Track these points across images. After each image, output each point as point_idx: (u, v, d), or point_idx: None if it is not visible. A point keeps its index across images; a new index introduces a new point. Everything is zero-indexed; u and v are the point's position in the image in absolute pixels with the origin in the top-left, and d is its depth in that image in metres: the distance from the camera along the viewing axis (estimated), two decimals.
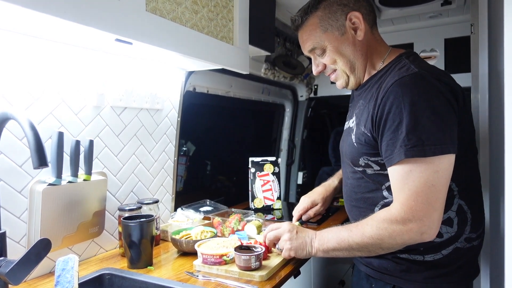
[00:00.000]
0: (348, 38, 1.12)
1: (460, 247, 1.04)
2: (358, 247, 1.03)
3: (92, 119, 1.31)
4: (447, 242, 1.04)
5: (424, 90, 0.95)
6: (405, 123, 0.93)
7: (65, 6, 0.81)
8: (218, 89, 2.09)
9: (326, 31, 1.13)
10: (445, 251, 1.04)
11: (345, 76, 1.17)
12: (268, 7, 1.84)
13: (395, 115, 0.95)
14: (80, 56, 1.23)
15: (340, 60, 1.14)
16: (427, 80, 0.97)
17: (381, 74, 1.12)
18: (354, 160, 1.12)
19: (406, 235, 0.95)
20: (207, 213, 1.74)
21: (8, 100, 1.05)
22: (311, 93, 2.90)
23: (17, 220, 1.09)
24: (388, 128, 0.97)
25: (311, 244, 1.12)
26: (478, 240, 1.08)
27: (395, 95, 0.96)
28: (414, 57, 1.13)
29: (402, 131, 0.93)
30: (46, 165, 0.85)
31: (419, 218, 0.93)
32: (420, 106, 0.93)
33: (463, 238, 1.04)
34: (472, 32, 1.53)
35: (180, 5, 1.16)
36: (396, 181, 0.97)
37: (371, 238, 1.00)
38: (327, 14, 1.12)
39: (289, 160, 2.97)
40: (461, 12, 2.20)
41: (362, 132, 1.08)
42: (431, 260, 1.04)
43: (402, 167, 0.95)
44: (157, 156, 1.64)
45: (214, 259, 1.19)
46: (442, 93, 0.96)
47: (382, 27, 2.46)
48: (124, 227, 1.22)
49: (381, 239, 0.98)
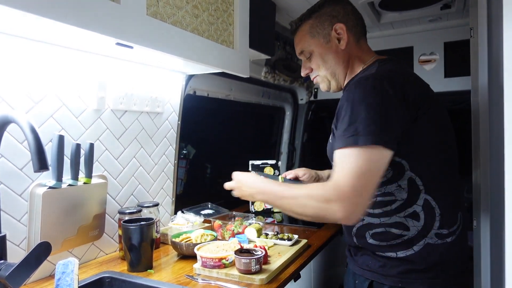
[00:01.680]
0: (332, 47, 1.24)
1: (432, 243, 1.07)
2: (289, 207, 1.06)
3: (92, 122, 1.32)
4: (417, 237, 1.07)
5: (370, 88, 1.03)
6: (348, 117, 1.01)
7: (66, 11, 0.81)
8: (218, 92, 2.09)
9: (313, 37, 1.25)
10: (416, 247, 1.07)
11: (326, 81, 1.30)
12: (268, 11, 1.85)
13: (344, 110, 1.03)
14: (81, 59, 1.24)
15: (322, 66, 1.26)
16: (378, 80, 1.05)
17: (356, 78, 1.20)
18: (330, 155, 1.18)
19: (327, 212, 0.98)
20: (209, 216, 1.74)
21: (9, 103, 1.05)
22: (311, 96, 2.90)
23: (17, 223, 1.09)
24: (338, 122, 1.05)
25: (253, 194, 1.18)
26: (451, 237, 1.09)
27: (348, 93, 1.06)
28: (387, 62, 1.19)
29: (345, 123, 1.01)
30: (46, 168, 0.85)
31: (342, 200, 0.95)
32: (361, 102, 1.01)
33: (433, 234, 1.07)
34: (472, 36, 1.53)
35: (180, 9, 1.17)
36: (334, 166, 1.03)
37: (300, 204, 1.04)
38: (317, 23, 1.25)
39: (289, 163, 2.97)
40: (460, 16, 2.21)
41: (333, 129, 1.15)
42: (403, 256, 1.08)
43: (339, 154, 1.01)
44: (157, 159, 1.64)
45: (213, 263, 1.19)
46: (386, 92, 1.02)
47: (382, 31, 2.47)
48: (124, 230, 1.22)
49: (306, 206, 1.02)
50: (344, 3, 1.27)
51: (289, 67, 2.42)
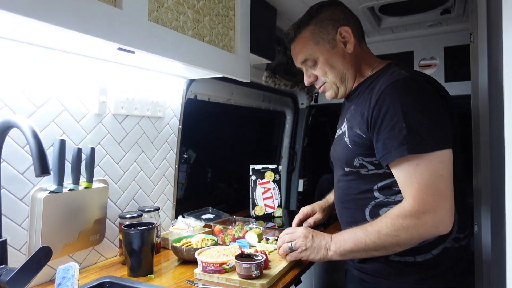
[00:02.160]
0: (339, 51, 1.19)
1: (449, 247, 1.07)
2: (375, 246, 1.02)
3: (94, 127, 1.32)
4: (436, 242, 1.06)
5: (418, 91, 1.01)
6: (405, 122, 0.96)
7: (69, 17, 0.82)
8: (219, 96, 2.10)
9: (317, 44, 1.20)
10: (435, 251, 1.06)
11: (335, 87, 1.23)
12: (268, 16, 1.86)
13: (392, 115, 0.99)
14: (83, 64, 1.24)
15: (330, 72, 1.20)
16: (419, 82, 1.04)
17: (371, 80, 1.17)
18: (349, 161, 1.15)
19: (421, 228, 0.96)
20: (209, 220, 1.74)
21: (11, 108, 1.06)
22: (312, 101, 2.91)
23: (18, 228, 1.09)
24: (384, 128, 1.01)
25: (326, 247, 1.12)
26: (465, 240, 1.11)
27: (391, 97, 1.01)
28: (403, 65, 1.18)
29: (401, 129, 0.97)
30: (48, 173, 0.85)
31: (432, 209, 0.94)
32: (417, 106, 0.98)
33: (452, 238, 1.07)
34: (472, 40, 1.54)
35: (182, 14, 1.17)
36: (403, 178, 0.99)
37: (387, 235, 1.00)
38: (319, 28, 1.19)
39: (290, 168, 2.97)
40: (460, 21, 2.22)
41: (356, 134, 1.11)
42: (422, 260, 1.06)
43: (407, 163, 0.97)
44: (158, 164, 1.64)
45: (214, 267, 1.19)
46: (434, 95, 1.02)
47: (382, 35, 2.48)
48: (125, 235, 1.22)
49: (397, 235, 0.98)
50: (342, 6, 1.23)
51: (290, 72, 2.42)
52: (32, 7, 0.75)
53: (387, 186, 1.09)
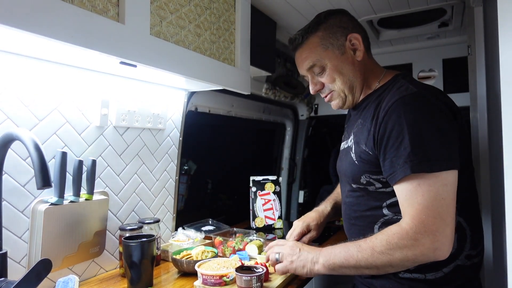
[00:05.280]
0: (348, 58, 1.16)
1: (461, 265, 1.03)
2: (366, 263, 0.98)
3: (95, 139, 1.33)
4: (448, 259, 1.01)
5: (425, 108, 0.97)
6: (410, 140, 0.94)
7: (72, 32, 0.83)
8: (220, 108, 2.11)
9: (327, 49, 1.16)
10: (446, 269, 1.02)
11: (343, 95, 1.19)
12: (268, 29, 1.89)
13: (398, 132, 0.96)
14: (85, 77, 1.26)
15: (339, 79, 1.17)
16: (427, 98, 1.00)
17: (379, 93, 1.14)
18: (355, 178, 1.12)
19: (417, 250, 0.92)
20: (210, 232, 1.73)
21: (13, 120, 1.07)
22: (312, 112, 2.93)
23: (19, 240, 1.09)
24: (391, 146, 0.98)
25: (313, 260, 1.08)
26: (478, 257, 1.07)
27: (398, 114, 0.97)
28: (410, 78, 1.16)
29: (406, 147, 0.94)
30: (50, 185, 0.86)
31: (431, 232, 0.90)
32: (423, 124, 0.95)
33: (464, 256, 1.03)
34: (469, 53, 1.56)
35: (183, 28, 1.19)
36: (404, 197, 0.96)
37: (381, 253, 0.96)
38: (328, 33, 1.16)
39: (290, 179, 2.97)
40: (458, 33, 2.25)
41: (362, 150, 1.08)
42: (432, 278, 1.02)
43: (409, 182, 0.94)
44: (159, 176, 1.64)
45: (214, 280, 1.18)
46: (443, 111, 0.98)
47: (381, 48, 2.51)
48: (125, 247, 1.21)
49: (391, 255, 0.95)
50: (349, 15, 1.22)
51: (290, 84, 2.44)
52: (36, 23, 0.76)
53: (396, 203, 1.04)
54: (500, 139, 0.94)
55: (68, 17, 0.82)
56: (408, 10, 1.89)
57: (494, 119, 1.34)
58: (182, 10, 1.20)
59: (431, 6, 1.85)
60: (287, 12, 1.83)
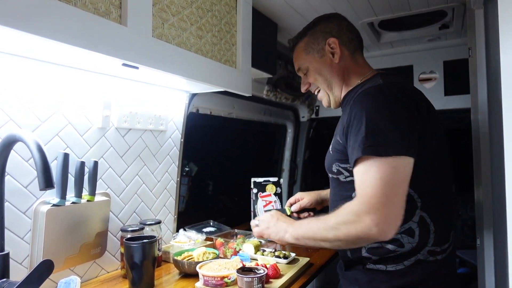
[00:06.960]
0: (326, 61, 1.26)
1: (422, 259, 1.06)
2: (321, 236, 1.05)
3: (97, 141, 1.33)
4: (409, 253, 1.06)
5: (385, 99, 1.03)
6: (365, 126, 0.99)
7: (75, 34, 0.84)
8: (221, 110, 2.12)
9: (308, 54, 1.29)
10: (407, 262, 1.07)
11: (326, 95, 1.31)
12: (270, 31, 1.89)
13: (358, 120, 1.02)
14: (87, 79, 1.27)
15: (319, 79, 1.29)
16: (390, 90, 1.06)
17: (356, 90, 1.20)
18: (329, 167, 1.20)
19: (358, 227, 0.95)
20: (211, 233, 1.74)
21: (16, 122, 1.07)
22: (313, 114, 2.93)
23: (21, 241, 1.10)
24: (352, 133, 1.04)
25: (285, 229, 1.17)
26: (442, 255, 1.09)
27: (360, 103, 1.05)
28: (387, 74, 1.20)
29: (362, 133, 0.99)
30: (52, 186, 0.86)
31: (373, 211, 0.93)
32: (380, 112, 1.01)
33: (426, 251, 1.07)
34: (470, 55, 1.56)
35: (185, 30, 1.20)
36: (357, 178, 1.02)
37: (331, 227, 1.02)
38: (312, 39, 1.29)
39: (291, 181, 2.97)
40: (459, 36, 2.25)
41: (336, 141, 1.16)
42: (393, 270, 1.07)
43: (362, 164, 0.99)
44: (160, 177, 1.65)
45: (215, 281, 1.18)
46: (403, 103, 1.03)
47: (382, 50, 2.51)
48: (126, 248, 1.22)
49: (338, 229, 1.00)
50: (340, 19, 1.30)
51: (291, 86, 2.45)
52: (39, 25, 0.77)
53: None
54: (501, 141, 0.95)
55: (71, 19, 0.83)
56: (409, 12, 1.90)
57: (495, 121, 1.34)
58: (184, 12, 1.20)
59: (432, 8, 1.85)
60: (288, 14, 1.84)
